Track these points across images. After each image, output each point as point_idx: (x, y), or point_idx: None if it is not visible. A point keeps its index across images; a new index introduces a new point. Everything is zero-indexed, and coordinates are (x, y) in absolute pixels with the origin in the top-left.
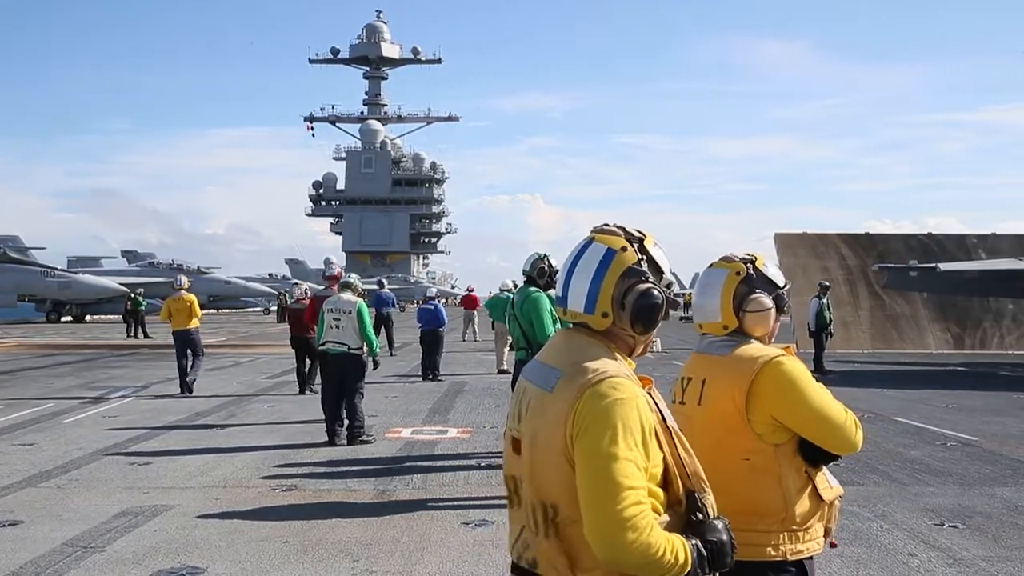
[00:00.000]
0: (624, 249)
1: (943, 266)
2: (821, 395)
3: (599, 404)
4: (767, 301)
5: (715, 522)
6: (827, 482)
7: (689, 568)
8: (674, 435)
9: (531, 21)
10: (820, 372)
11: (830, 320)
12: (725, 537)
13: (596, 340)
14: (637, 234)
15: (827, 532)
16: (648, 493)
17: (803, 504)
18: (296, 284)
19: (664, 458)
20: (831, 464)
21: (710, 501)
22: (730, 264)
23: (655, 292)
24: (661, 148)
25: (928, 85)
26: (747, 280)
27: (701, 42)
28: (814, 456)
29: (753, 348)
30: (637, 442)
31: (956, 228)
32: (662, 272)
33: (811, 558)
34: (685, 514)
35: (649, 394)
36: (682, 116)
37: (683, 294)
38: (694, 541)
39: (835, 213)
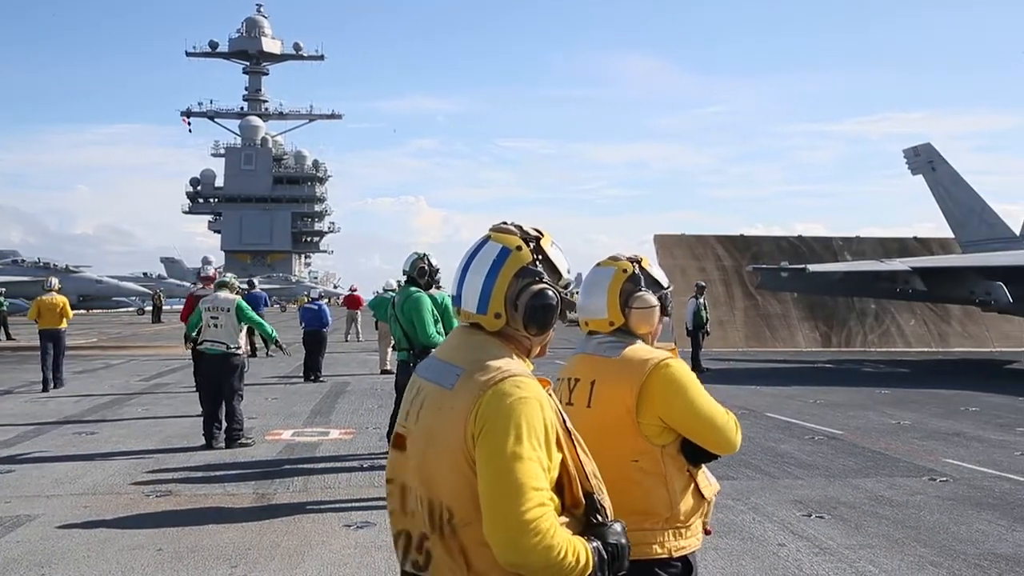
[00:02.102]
0: (519, 248)
1: (812, 267)
2: (706, 397)
3: (503, 402)
4: (652, 299)
5: (615, 525)
6: (707, 480)
7: (590, 571)
8: (573, 436)
9: (413, 24)
10: (697, 370)
11: (706, 319)
12: (624, 540)
13: (495, 339)
14: (534, 233)
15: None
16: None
17: (687, 502)
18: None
19: (563, 461)
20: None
21: (607, 502)
22: (617, 263)
23: (549, 292)
24: (543, 152)
25: (797, 98)
26: (633, 278)
27: (573, 52)
28: (696, 456)
29: (641, 350)
30: (540, 442)
31: (823, 233)
32: (559, 272)
33: (694, 552)
34: (584, 516)
35: (549, 395)
36: (562, 122)
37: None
38: (595, 544)
39: (712, 218)
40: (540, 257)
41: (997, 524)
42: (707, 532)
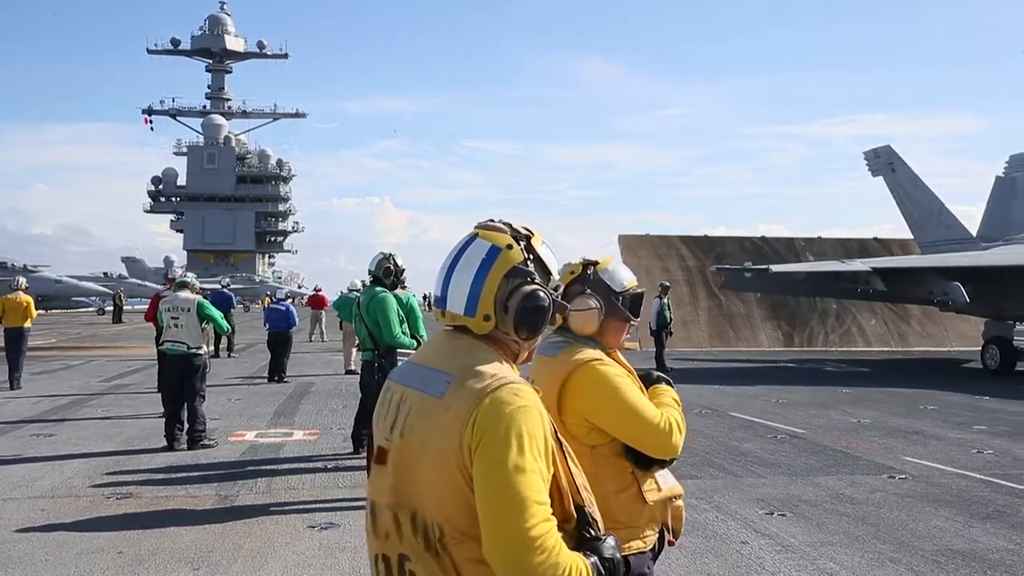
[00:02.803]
0: (509, 247)
1: (775, 268)
2: (634, 398)
3: (502, 411)
4: (591, 302)
5: (608, 539)
6: (655, 484)
7: None
8: (564, 448)
9: (378, 24)
10: (662, 370)
11: (670, 319)
12: (619, 554)
13: (483, 343)
14: (524, 231)
15: (673, 531)
16: None
17: (622, 505)
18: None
19: (555, 474)
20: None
21: (598, 515)
22: (572, 264)
23: (541, 294)
24: (509, 153)
25: (761, 101)
26: (581, 279)
27: (534, 55)
28: (642, 459)
29: (575, 350)
30: (541, 453)
31: (786, 233)
32: (550, 273)
33: (641, 554)
34: (575, 530)
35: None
36: (528, 123)
37: None
38: (593, 559)
39: (677, 219)
40: (531, 256)
41: (954, 520)
42: (670, 543)
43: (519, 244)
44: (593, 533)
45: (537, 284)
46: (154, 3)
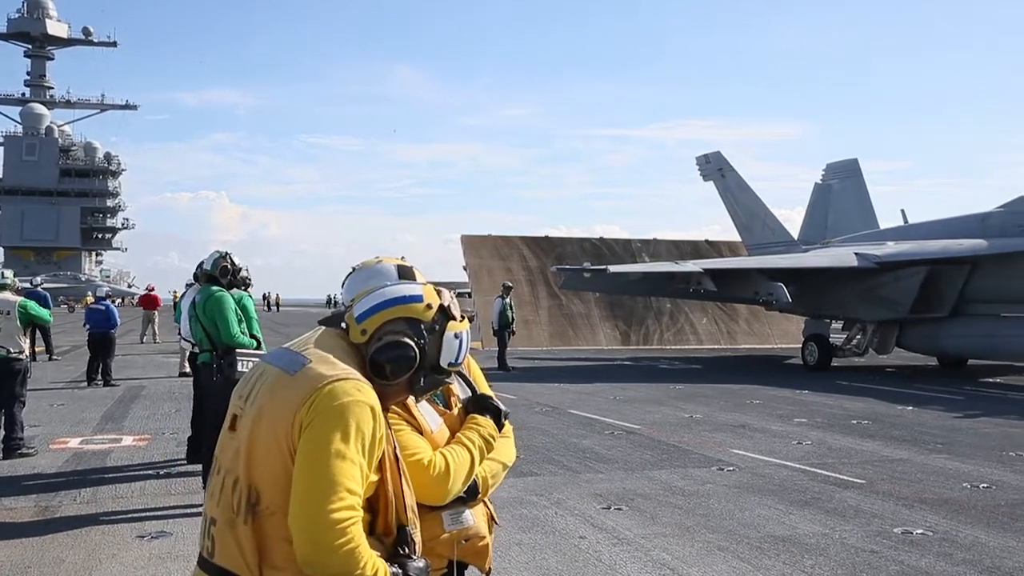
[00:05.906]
0: (428, 307)
1: (612, 268)
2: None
3: (338, 399)
4: None
5: (419, 561)
6: (440, 522)
7: None
8: (400, 466)
9: (208, 16)
10: (503, 369)
11: (512, 319)
12: None
13: (354, 351)
14: (447, 305)
15: (476, 567)
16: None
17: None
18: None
19: (384, 485)
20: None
21: (419, 539)
22: None
23: (407, 346)
24: (348, 150)
25: (600, 102)
26: None
27: (347, 59)
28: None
29: None
30: (365, 448)
31: (621, 235)
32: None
33: None
34: (392, 546)
35: (385, 419)
36: (365, 120)
37: None
38: (396, 570)
39: (517, 218)
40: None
41: (776, 508)
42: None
43: (434, 310)
44: (406, 551)
45: (411, 343)
46: None
